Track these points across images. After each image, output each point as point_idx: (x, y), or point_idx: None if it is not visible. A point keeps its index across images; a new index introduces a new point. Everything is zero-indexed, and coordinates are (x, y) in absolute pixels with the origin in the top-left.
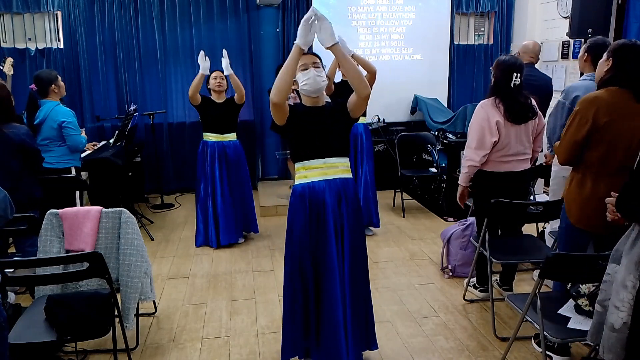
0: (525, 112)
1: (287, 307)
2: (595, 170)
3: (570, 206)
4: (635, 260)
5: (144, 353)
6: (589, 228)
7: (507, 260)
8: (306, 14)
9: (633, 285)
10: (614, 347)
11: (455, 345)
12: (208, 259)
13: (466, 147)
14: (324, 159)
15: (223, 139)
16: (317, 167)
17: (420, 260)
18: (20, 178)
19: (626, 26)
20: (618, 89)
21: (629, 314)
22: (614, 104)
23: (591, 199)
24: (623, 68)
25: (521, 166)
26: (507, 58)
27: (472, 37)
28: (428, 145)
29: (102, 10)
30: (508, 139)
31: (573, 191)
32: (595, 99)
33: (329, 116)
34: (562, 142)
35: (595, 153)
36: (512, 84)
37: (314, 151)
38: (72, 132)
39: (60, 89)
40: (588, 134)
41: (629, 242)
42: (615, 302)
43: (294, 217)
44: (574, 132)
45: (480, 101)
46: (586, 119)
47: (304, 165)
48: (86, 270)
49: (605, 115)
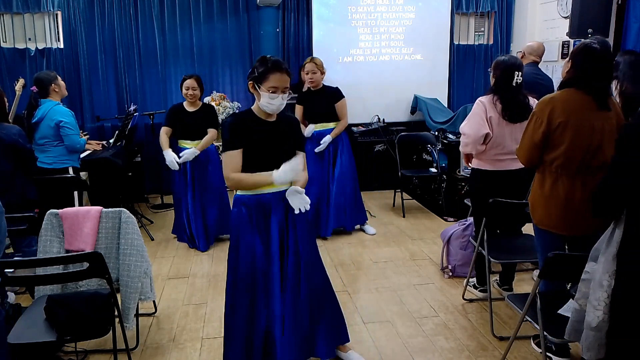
0: (522, 111)
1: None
2: (555, 171)
3: (533, 207)
4: (610, 259)
5: (144, 353)
6: (552, 229)
7: (506, 259)
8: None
9: (609, 284)
10: (593, 345)
11: (455, 345)
12: (208, 259)
13: (461, 128)
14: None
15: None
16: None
17: (420, 260)
18: (13, 178)
19: (626, 26)
20: (575, 90)
21: (604, 313)
22: (570, 105)
23: (551, 199)
24: (580, 70)
25: (516, 165)
26: (506, 58)
27: (472, 37)
28: (428, 145)
29: (102, 10)
30: (502, 137)
31: (535, 192)
32: (551, 100)
33: (281, 131)
34: (521, 143)
35: (554, 153)
36: (515, 82)
37: (263, 163)
38: (70, 132)
39: (61, 88)
40: (544, 134)
41: (605, 241)
42: (593, 302)
43: (239, 227)
44: (531, 134)
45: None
46: (541, 120)
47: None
48: (86, 270)
49: (560, 115)
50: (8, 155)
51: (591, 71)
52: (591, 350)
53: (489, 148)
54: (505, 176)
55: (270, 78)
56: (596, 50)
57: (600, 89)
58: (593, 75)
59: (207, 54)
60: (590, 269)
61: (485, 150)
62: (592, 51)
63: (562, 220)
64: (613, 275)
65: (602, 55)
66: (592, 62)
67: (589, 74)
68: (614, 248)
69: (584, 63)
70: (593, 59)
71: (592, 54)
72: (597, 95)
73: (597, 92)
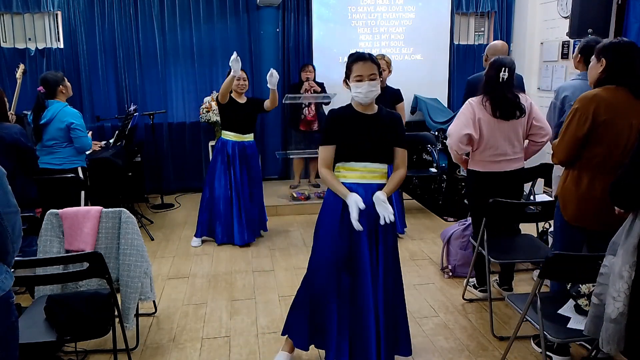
0: (512, 108)
1: (305, 301)
2: (593, 168)
3: (566, 204)
4: (630, 250)
5: (144, 353)
6: (585, 225)
7: (506, 259)
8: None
9: (629, 275)
10: (612, 338)
11: (455, 345)
12: (208, 259)
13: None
14: (365, 162)
15: (243, 139)
16: (358, 170)
17: (420, 260)
18: (13, 178)
19: (626, 26)
20: (615, 87)
21: (624, 304)
22: (613, 101)
23: (588, 196)
24: (617, 66)
25: (511, 166)
26: (498, 57)
27: (472, 37)
28: (428, 145)
29: (102, 10)
30: (494, 138)
31: (569, 189)
32: (595, 97)
33: (380, 124)
34: (561, 140)
35: (595, 151)
36: (500, 79)
37: (358, 155)
38: (81, 134)
39: (68, 90)
40: (588, 131)
41: (624, 233)
42: (612, 293)
43: (327, 214)
44: (575, 130)
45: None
46: (586, 116)
47: (344, 166)
48: (86, 270)
49: (605, 112)
50: (9, 155)
51: (631, 62)
52: (611, 343)
53: (482, 150)
54: (500, 177)
55: (354, 69)
56: (629, 45)
57: (638, 80)
58: (630, 69)
59: (207, 54)
60: (608, 263)
61: (478, 152)
62: (626, 46)
63: (597, 217)
64: (634, 266)
65: (632, 49)
66: (625, 57)
67: (630, 66)
68: (634, 239)
69: (622, 58)
70: (630, 52)
71: (628, 48)
72: (636, 87)
73: (635, 84)
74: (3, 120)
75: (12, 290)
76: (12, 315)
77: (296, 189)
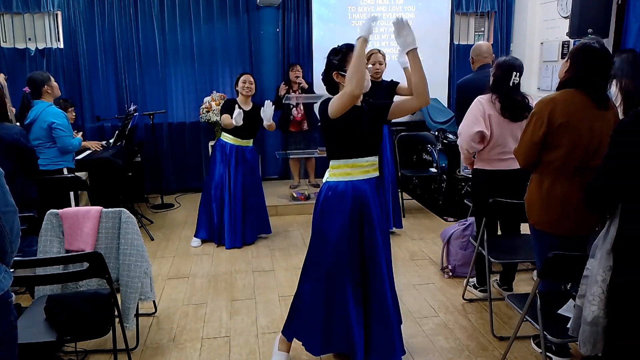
0: (520, 110)
1: (311, 304)
2: (553, 172)
3: (530, 208)
4: (605, 255)
5: (144, 353)
6: (550, 229)
7: (506, 259)
8: (371, 18)
9: (603, 279)
10: (588, 340)
11: (455, 345)
12: (208, 259)
13: (458, 132)
14: (368, 157)
15: (242, 143)
16: (362, 166)
17: (420, 260)
18: (13, 178)
19: (626, 26)
20: (575, 90)
21: (599, 308)
22: (570, 105)
23: (549, 199)
24: (580, 69)
25: (517, 164)
26: (507, 58)
27: (472, 37)
28: (428, 145)
29: (102, 10)
30: (503, 136)
31: (532, 193)
32: (551, 101)
33: (368, 115)
34: (519, 143)
35: (554, 154)
36: (512, 83)
37: (361, 149)
38: (62, 134)
39: (54, 90)
40: (544, 135)
41: (601, 237)
42: (588, 297)
43: (332, 214)
44: (531, 134)
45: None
46: (542, 120)
47: (347, 163)
48: (86, 270)
49: (561, 116)
50: (9, 155)
51: (593, 67)
52: (587, 345)
53: (491, 148)
54: (507, 176)
55: (349, 59)
56: (596, 49)
57: (600, 87)
58: (594, 72)
59: (207, 54)
60: (590, 266)
61: (486, 150)
62: (592, 49)
63: (560, 221)
64: (608, 271)
65: (601, 53)
66: (592, 60)
67: (591, 71)
68: (609, 244)
69: (584, 61)
70: (593, 56)
71: (592, 52)
72: (597, 94)
73: (597, 91)
74: (3, 121)
75: (11, 290)
76: (11, 315)
77: (296, 189)
